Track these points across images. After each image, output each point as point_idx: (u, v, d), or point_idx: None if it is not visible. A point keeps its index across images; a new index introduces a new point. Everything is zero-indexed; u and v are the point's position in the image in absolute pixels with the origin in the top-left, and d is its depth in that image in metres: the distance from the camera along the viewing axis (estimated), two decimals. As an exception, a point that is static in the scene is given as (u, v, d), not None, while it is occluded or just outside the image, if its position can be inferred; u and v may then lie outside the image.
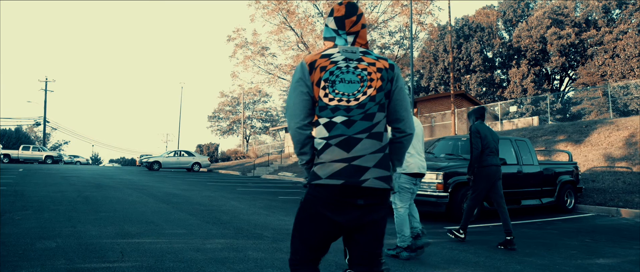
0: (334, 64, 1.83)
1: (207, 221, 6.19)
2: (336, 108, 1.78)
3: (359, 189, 1.74)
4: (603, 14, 45.21)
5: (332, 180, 1.72)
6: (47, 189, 9.90)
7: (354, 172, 1.73)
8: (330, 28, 1.98)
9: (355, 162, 1.74)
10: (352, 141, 1.75)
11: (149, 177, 17.06)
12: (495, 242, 5.61)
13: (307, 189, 1.81)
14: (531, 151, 9.09)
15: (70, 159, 38.51)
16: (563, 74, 49.39)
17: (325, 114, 1.79)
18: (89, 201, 7.97)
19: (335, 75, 1.81)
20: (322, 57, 1.86)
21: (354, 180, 1.72)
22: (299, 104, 1.83)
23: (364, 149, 1.76)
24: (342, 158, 1.73)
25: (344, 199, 1.74)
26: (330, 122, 1.77)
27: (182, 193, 10.48)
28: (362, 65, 1.86)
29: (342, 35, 1.95)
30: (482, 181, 5.42)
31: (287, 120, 1.86)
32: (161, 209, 7.22)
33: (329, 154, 1.75)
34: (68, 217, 5.96)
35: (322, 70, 1.82)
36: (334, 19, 1.96)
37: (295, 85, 1.85)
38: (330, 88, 1.80)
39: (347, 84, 1.81)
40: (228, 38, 24.22)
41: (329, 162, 1.74)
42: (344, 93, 1.80)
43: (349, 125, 1.76)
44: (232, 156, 38.16)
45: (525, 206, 8.61)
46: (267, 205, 8.71)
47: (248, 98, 48.52)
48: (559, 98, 46.49)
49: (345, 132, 1.75)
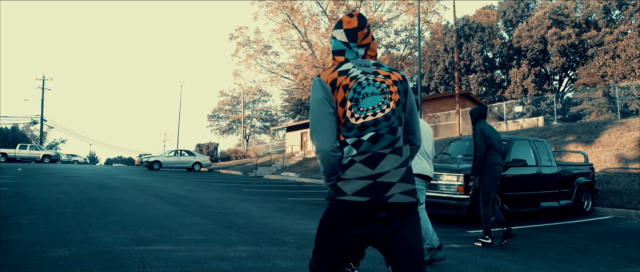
0: (354, 80, 1.78)
1: (223, 225, 5.92)
2: (363, 126, 1.75)
3: (384, 205, 1.72)
4: (603, 15, 45.15)
5: (357, 197, 1.70)
6: (50, 190, 9.60)
7: (378, 188, 1.71)
8: (339, 41, 1.90)
9: (380, 178, 1.72)
10: (377, 157, 1.74)
11: (151, 177, 16.76)
12: (526, 248, 5.38)
13: (331, 202, 1.78)
14: (549, 152, 8.87)
15: (68, 158, 38.08)
16: (563, 74, 49.35)
17: (353, 134, 1.75)
18: (95, 203, 7.68)
19: (358, 93, 1.77)
20: (340, 74, 1.79)
21: (379, 196, 1.71)
22: (327, 126, 1.76)
23: (389, 164, 1.74)
24: (366, 175, 1.72)
25: (363, 215, 1.72)
26: (358, 140, 1.75)
27: (189, 194, 10.19)
28: (379, 78, 1.82)
29: (353, 48, 1.89)
30: (489, 180, 5.42)
31: (316, 143, 1.78)
32: (172, 212, 6.94)
33: (354, 171, 1.73)
34: (77, 221, 5.68)
35: (345, 89, 1.76)
36: (345, 32, 1.89)
37: (319, 105, 1.77)
38: (355, 107, 1.76)
39: (370, 97, 1.77)
40: (230, 36, 23.94)
41: (354, 179, 1.72)
42: (369, 107, 1.77)
43: (375, 141, 1.74)
44: (232, 155, 37.84)
45: (544, 208, 8.38)
46: (278, 207, 8.44)
47: (248, 97, 48.20)
48: (560, 98, 46.44)
49: (370, 149, 1.74)
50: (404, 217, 1.76)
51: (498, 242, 5.57)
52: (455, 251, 5.06)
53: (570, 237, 6.50)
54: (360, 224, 1.73)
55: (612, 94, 41.12)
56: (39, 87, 43.84)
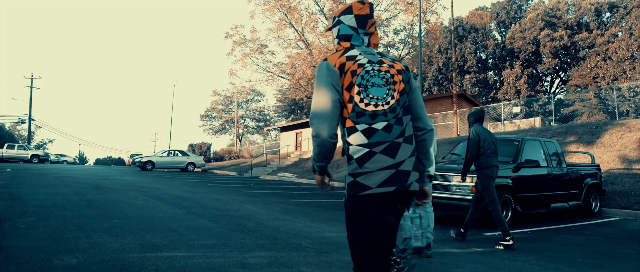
0: (362, 68, 1.78)
1: (233, 228, 5.66)
2: (374, 114, 1.74)
3: (406, 193, 1.75)
4: (595, 17, 45.56)
5: (384, 188, 1.70)
6: (44, 191, 9.23)
7: (401, 177, 1.72)
8: (347, 26, 1.90)
9: (401, 167, 1.73)
10: (395, 146, 1.74)
11: (146, 178, 16.38)
12: (548, 251, 5.20)
13: (353, 200, 1.74)
14: (559, 152, 8.73)
15: (57, 158, 37.34)
16: (554, 75, 49.69)
17: (364, 120, 1.74)
18: (94, 205, 7.35)
19: (366, 80, 1.77)
20: (348, 59, 1.79)
21: (403, 185, 1.73)
22: (331, 112, 1.74)
23: (404, 153, 1.75)
24: (389, 165, 1.71)
25: (390, 203, 1.73)
26: (370, 128, 1.73)
27: (189, 196, 9.89)
28: (384, 67, 1.82)
29: (361, 34, 1.89)
30: (489, 182, 5.48)
31: (315, 127, 1.75)
32: (177, 215, 6.66)
33: (375, 162, 1.71)
34: (78, 225, 5.37)
35: (353, 74, 1.76)
36: (355, 17, 1.89)
37: (325, 90, 1.75)
38: (364, 92, 1.75)
39: (377, 88, 1.77)
40: (226, 35, 23.59)
41: (377, 171, 1.70)
42: (378, 97, 1.76)
43: (389, 130, 1.74)
44: (226, 155, 37.42)
45: (554, 209, 8.23)
46: (284, 209, 8.18)
47: (242, 97, 47.79)
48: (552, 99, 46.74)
49: (388, 138, 1.73)
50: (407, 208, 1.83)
51: (455, 235, 5.78)
52: (480, 255, 4.86)
53: (588, 239, 6.35)
54: (390, 212, 1.73)
55: (603, 96, 41.47)
56: (27, 86, 43.00)
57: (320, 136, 1.74)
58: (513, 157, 7.79)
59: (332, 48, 20.77)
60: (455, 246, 5.34)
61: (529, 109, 44.69)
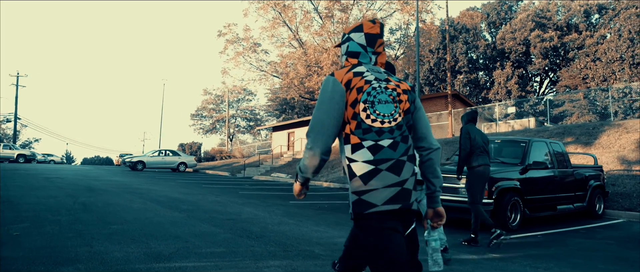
0: (368, 84, 1.77)
1: (239, 234, 5.41)
2: (381, 131, 1.73)
3: (409, 211, 1.73)
4: (584, 18, 46.02)
5: (389, 206, 1.68)
6: (35, 193, 8.86)
7: (405, 195, 1.71)
8: (357, 43, 1.90)
9: (405, 185, 1.72)
10: (400, 164, 1.72)
11: (138, 179, 15.99)
12: (565, 256, 5.05)
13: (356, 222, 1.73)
14: (565, 153, 8.62)
15: (44, 157, 36.51)
16: (544, 76, 50.09)
17: (370, 137, 1.72)
18: (89, 208, 7.04)
19: (373, 96, 1.76)
20: (355, 75, 1.79)
21: (407, 204, 1.71)
22: (330, 129, 1.74)
23: (408, 172, 1.74)
24: (394, 182, 1.70)
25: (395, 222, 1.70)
26: (376, 145, 1.71)
27: (186, 198, 9.60)
28: (391, 86, 1.82)
29: (369, 53, 1.90)
30: (477, 181, 5.53)
31: (312, 141, 1.74)
32: (177, 219, 6.38)
33: (381, 179, 1.69)
34: (76, 231, 5.08)
35: (359, 91, 1.75)
36: (365, 35, 1.90)
37: (328, 106, 1.74)
38: (371, 109, 1.74)
39: (384, 104, 1.77)
40: (219, 33, 23.22)
41: (382, 188, 1.68)
42: (385, 114, 1.75)
43: (395, 148, 1.73)
44: (217, 155, 36.96)
45: (560, 211, 8.12)
46: (286, 212, 7.95)
47: (233, 96, 47.31)
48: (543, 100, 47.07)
49: (393, 156, 1.72)
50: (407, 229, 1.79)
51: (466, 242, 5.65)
52: (500, 261, 4.69)
53: (600, 243, 6.22)
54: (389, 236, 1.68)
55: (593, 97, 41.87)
56: (13, 84, 42.06)
57: (314, 151, 1.73)
58: (520, 158, 7.66)
59: (327, 47, 20.55)
60: (471, 251, 5.16)
61: (520, 109, 44.98)
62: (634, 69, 37.02)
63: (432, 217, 1.94)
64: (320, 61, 19.80)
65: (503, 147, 8.32)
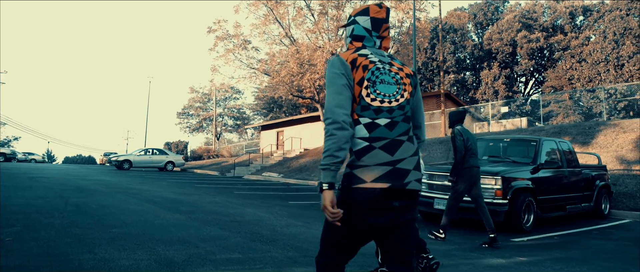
0: (373, 64, 1.79)
1: (250, 237, 5.07)
2: (379, 109, 1.75)
3: (401, 191, 1.72)
4: (569, 20, 46.60)
5: (377, 183, 1.69)
6: (21, 194, 8.36)
7: (398, 175, 1.71)
8: (362, 27, 1.90)
9: (399, 165, 1.72)
10: (395, 143, 1.74)
11: (127, 178, 15.45)
12: (591, 259, 4.85)
13: (345, 192, 1.72)
14: (573, 153, 8.48)
15: (25, 156, 35.35)
16: (529, 76, 50.61)
17: (367, 114, 1.74)
18: (83, 210, 6.60)
19: (376, 76, 1.78)
20: (359, 56, 1.80)
21: (399, 183, 1.71)
22: (345, 101, 1.73)
23: (406, 152, 1.75)
24: (387, 161, 1.71)
25: (383, 201, 1.70)
26: (372, 123, 1.74)
27: (182, 198, 9.19)
28: (394, 69, 1.84)
29: (374, 37, 1.90)
30: (464, 181, 5.54)
31: (331, 113, 1.70)
32: (179, 221, 6.01)
33: (373, 157, 1.70)
34: (74, 236, 4.68)
35: (365, 69, 1.77)
36: (371, 19, 1.89)
37: (337, 80, 1.74)
38: (372, 88, 1.76)
39: (386, 85, 1.78)
40: (208, 29, 22.70)
41: (374, 166, 1.70)
42: (385, 94, 1.77)
43: (391, 128, 1.75)
44: (204, 154, 36.33)
45: (570, 212, 7.96)
46: (290, 213, 7.63)
47: (220, 95, 46.62)
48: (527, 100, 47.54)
49: (389, 135, 1.74)
50: (411, 208, 1.77)
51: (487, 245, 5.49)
52: (529, 265, 4.46)
53: (618, 245, 6.07)
54: (377, 212, 1.70)
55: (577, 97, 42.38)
56: (-9, 80, 40.68)
57: (338, 121, 1.68)
58: (532, 158, 7.47)
59: (321, 45, 20.24)
60: (496, 255, 4.92)
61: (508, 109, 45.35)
62: (618, 70, 37.58)
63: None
64: (314, 59, 19.47)
65: (513, 146, 8.14)
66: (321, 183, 1.68)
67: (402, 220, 1.76)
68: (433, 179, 7.34)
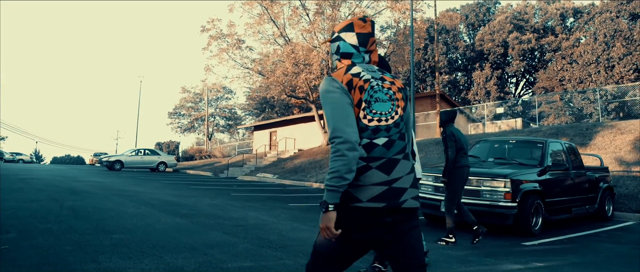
0: (367, 83, 1.75)
1: (258, 243, 4.88)
2: (377, 129, 1.73)
3: (397, 210, 1.71)
4: (560, 21, 47.01)
5: (373, 203, 1.68)
6: (13, 197, 8.06)
7: (394, 194, 1.70)
8: (349, 44, 1.85)
9: (395, 184, 1.71)
10: (392, 162, 1.72)
11: (119, 179, 15.13)
12: (610, 264, 4.73)
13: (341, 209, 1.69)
14: (577, 154, 8.41)
15: (12, 156, 34.65)
16: (520, 77, 50.94)
17: (366, 135, 1.72)
18: (80, 214, 6.35)
19: (370, 96, 1.74)
20: (353, 76, 1.75)
21: (395, 202, 1.70)
22: (353, 121, 1.68)
23: (402, 170, 1.74)
24: (382, 181, 1.70)
25: (373, 218, 1.69)
26: (371, 143, 1.72)
27: (180, 201, 8.95)
28: (386, 84, 1.81)
29: (362, 52, 1.86)
30: (458, 181, 5.58)
31: (339, 132, 1.64)
32: (182, 226, 5.79)
33: (369, 177, 1.69)
34: (74, 243, 4.44)
35: (361, 90, 1.73)
36: (357, 35, 1.84)
37: (337, 97, 1.70)
38: (368, 109, 1.73)
39: (381, 103, 1.75)
40: (202, 28, 22.42)
41: (370, 186, 1.69)
42: (382, 112, 1.75)
43: (389, 147, 1.73)
44: (196, 154, 35.93)
45: (575, 214, 7.88)
46: (293, 216, 7.44)
47: (212, 94, 46.19)
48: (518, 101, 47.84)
49: (385, 154, 1.72)
50: (407, 221, 1.75)
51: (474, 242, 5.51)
52: (547, 269, 4.32)
53: (631, 249, 5.98)
54: (369, 228, 1.69)
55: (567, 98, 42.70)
56: (-22, 79, 39.85)
57: (349, 141, 1.63)
58: (539, 160, 7.37)
59: (317, 45, 20.06)
60: (511, 260, 4.78)
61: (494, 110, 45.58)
62: (609, 72, 37.94)
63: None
64: (309, 59, 19.28)
65: (518, 147, 8.05)
66: (327, 203, 1.65)
67: (399, 232, 1.73)
68: (438, 181, 7.20)
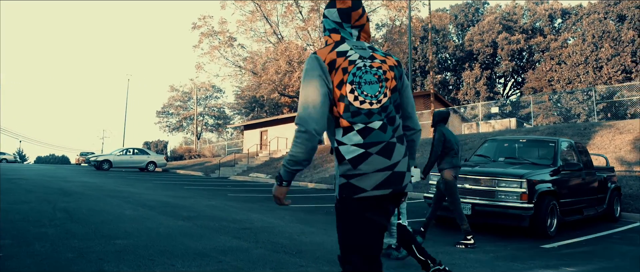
0: (353, 65, 1.68)
1: (271, 248, 4.57)
2: (370, 112, 1.66)
3: (400, 194, 1.70)
4: (548, 22, 47.45)
5: (379, 190, 1.63)
6: (2, 198, 7.57)
7: (397, 179, 1.66)
8: (331, 20, 1.78)
9: (396, 168, 1.66)
10: (390, 146, 1.67)
11: (109, 179, 14.64)
12: (631, 270, 4.54)
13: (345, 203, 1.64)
14: (587, 154, 8.26)
15: (-5, 156, 33.70)
16: (509, 77, 51.30)
17: (360, 120, 1.64)
18: (75, 217, 5.96)
19: (359, 76, 1.67)
20: (338, 55, 1.67)
21: (399, 187, 1.67)
22: (322, 106, 1.61)
23: (399, 154, 1.69)
24: (385, 166, 1.64)
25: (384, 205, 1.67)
26: (366, 127, 1.64)
27: (177, 201, 8.59)
28: (376, 63, 1.73)
29: (347, 28, 1.76)
30: (452, 181, 5.54)
31: (304, 121, 1.60)
32: (186, 229, 5.44)
33: (371, 163, 1.62)
34: (75, 249, 4.08)
35: (345, 72, 1.66)
36: (338, 11, 1.76)
37: (315, 83, 1.62)
38: (358, 90, 1.66)
39: (369, 85, 1.68)
40: (193, 25, 21.98)
41: (373, 173, 1.62)
42: (371, 95, 1.67)
43: (385, 130, 1.67)
44: (185, 154, 35.34)
45: (586, 216, 7.72)
46: (298, 219, 7.14)
47: (201, 93, 45.54)
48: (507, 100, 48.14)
49: (383, 138, 1.66)
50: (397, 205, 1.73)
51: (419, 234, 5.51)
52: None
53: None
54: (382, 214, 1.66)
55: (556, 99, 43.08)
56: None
57: (309, 132, 1.60)
58: (552, 159, 7.19)
59: (311, 43, 19.77)
60: (541, 264, 4.56)
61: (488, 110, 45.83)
62: (597, 72, 38.35)
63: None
64: (304, 57, 18.98)
65: (529, 147, 7.87)
66: (281, 179, 1.67)
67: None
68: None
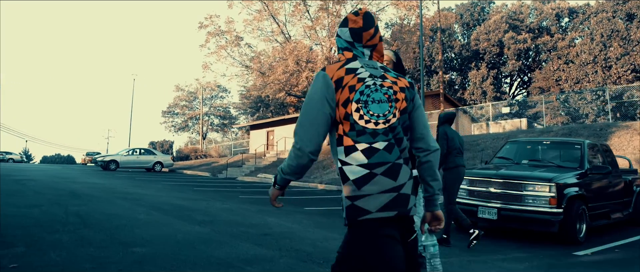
0: (361, 82, 1.65)
1: (296, 256, 4.36)
2: (375, 132, 1.63)
3: (405, 219, 1.65)
4: (555, 21, 47.03)
5: (384, 213, 1.58)
6: (12, 201, 7.41)
7: (402, 201, 1.62)
8: (343, 39, 1.78)
9: (402, 190, 1.62)
10: (396, 167, 1.62)
11: (118, 180, 14.48)
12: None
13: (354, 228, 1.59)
14: (613, 156, 8.00)
15: (2, 156, 33.60)
16: (515, 77, 50.91)
17: (364, 139, 1.61)
18: (88, 222, 5.76)
19: (366, 95, 1.64)
20: (347, 72, 1.66)
21: (404, 210, 1.62)
22: (320, 126, 1.61)
23: (405, 176, 1.64)
24: (391, 188, 1.60)
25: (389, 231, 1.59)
26: (371, 147, 1.61)
27: (190, 205, 8.39)
28: (387, 83, 1.70)
29: (358, 47, 1.76)
30: (455, 181, 5.58)
31: (300, 139, 1.62)
32: (205, 236, 5.23)
33: (376, 184, 1.58)
34: (93, 259, 3.88)
35: (351, 90, 1.63)
36: (350, 31, 1.75)
37: (318, 102, 1.62)
38: (364, 109, 1.63)
39: (378, 104, 1.65)
40: (200, 25, 21.79)
41: (377, 194, 1.58)
42: (379, 114, 1.64)
43: (390, 151, 1.63)
44: (191, 154, 35.19)
45: (613, 220, 7.47)
46: (316, 222, 6.93)
47: (206, 93, 45.39)
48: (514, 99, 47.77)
49: (389, 159, 1.61)
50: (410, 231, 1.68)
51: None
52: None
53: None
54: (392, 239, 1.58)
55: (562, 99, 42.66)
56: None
57: (303, 150, 1.61)
58: (579, 162, 6.94)
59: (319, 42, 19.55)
60: None
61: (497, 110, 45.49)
62: (606, 72, 37.94)
63: (430, 221, 1.78)
64: (312, 57, 18.77)
65: (554, 149, 7.62)
66: (276, 183, 1.72)
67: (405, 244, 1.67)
68: (474, 185, 6.73)
